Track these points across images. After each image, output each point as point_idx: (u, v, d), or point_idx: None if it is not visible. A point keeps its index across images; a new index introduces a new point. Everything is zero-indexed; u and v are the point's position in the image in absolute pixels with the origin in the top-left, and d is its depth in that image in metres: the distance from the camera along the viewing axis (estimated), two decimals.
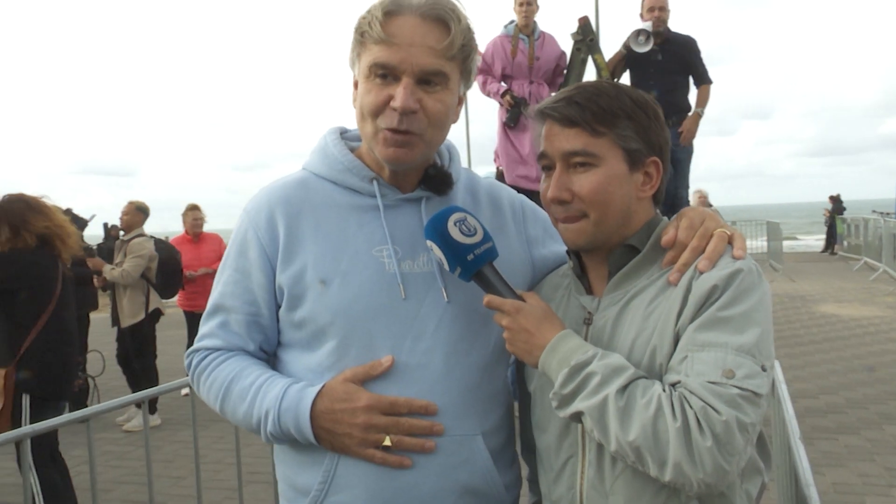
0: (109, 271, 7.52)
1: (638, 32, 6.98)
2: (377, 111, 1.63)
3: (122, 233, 8.10)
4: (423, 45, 1.60)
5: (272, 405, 1.64)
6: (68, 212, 6.48)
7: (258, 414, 1.67)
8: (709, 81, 7.35)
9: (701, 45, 7.28)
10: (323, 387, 1.64)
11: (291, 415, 1.63)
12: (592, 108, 1.55)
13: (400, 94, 1.59)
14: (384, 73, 1.61)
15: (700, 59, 7.30)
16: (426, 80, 1.62)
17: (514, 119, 7.02)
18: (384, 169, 1.73)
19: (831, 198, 27.36)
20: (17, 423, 4.29)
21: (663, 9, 7.06)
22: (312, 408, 1.62)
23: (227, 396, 1.72)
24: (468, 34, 1.66)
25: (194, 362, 1.80)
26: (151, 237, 8.01)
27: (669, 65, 7.09)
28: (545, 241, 1.89)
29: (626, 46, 7.05)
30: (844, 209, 26.01)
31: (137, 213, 7.94)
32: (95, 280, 7.94)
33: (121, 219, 8.00)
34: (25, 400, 4.43)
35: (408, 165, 1.70)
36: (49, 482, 4.62)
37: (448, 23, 1.62)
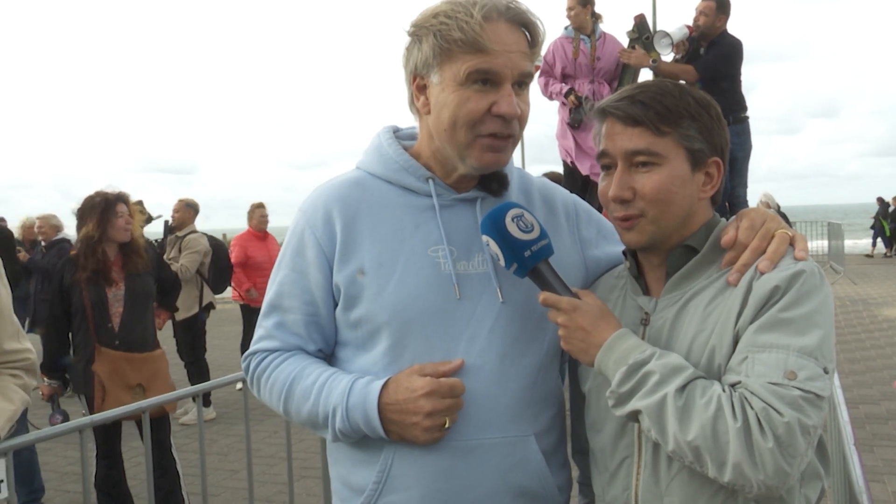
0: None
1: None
2: (477, 119, 1.62)
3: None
4: (519, 50, 1.62)
5: (339, 402, 1.64)
6: (139, 204, 6.67)
7: (324, 411, 1.67)
8: (695, 75, 6.73)
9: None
10: (388, 380, 1.64)
11: (360, 410, 1.62)
12: (657, 108, 1.53)
13: (507, 101, 1.60)
14: (485, 80, 1.60)
15: (721, 59, 6.84)
16: (519, 82, 1.64)
17: (577, 121, 7.00)
18: (440, 168, 1.74)
19: (879, 199, 26.88)
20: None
21: (702, 13, 6.89)
22: (379, 401, 1.61)
23: (290, 396, 1.72)
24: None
25: (252, 365, 1.80)
26: (204, 234, 8.19)
27: (717, 70, 6.93)
28: (598, 242, 1.88)
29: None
30: None
31: (188, 209, 8.15)
32: None
33: (172, 216, 8.20)
34: None
35: (499, 168, 1.72)
36: (103, 473, 4.73)
37: (533, 26, 1.65)
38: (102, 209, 4.76)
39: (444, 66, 1.62)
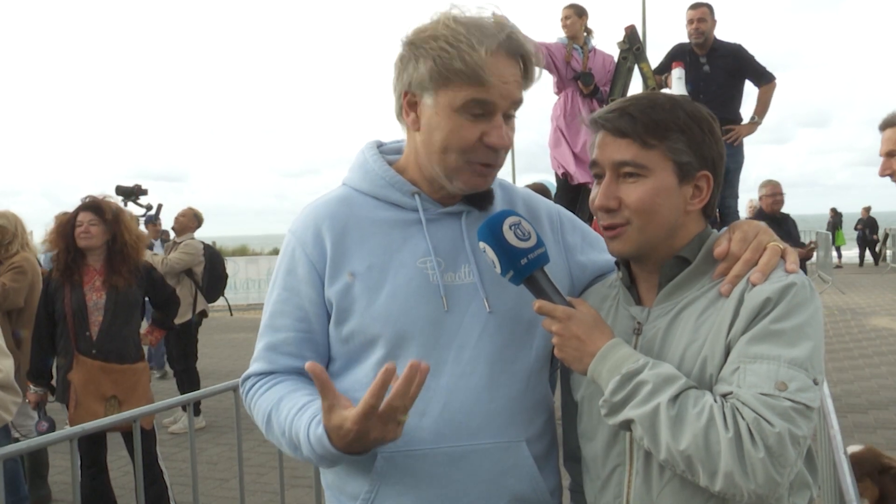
0: (151, 256, 7.64)
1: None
2: (469, 148, 1.64)
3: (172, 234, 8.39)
4: (514, 81, 1.65)
5: (311, 455, 1.59)
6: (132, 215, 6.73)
7: (304, 458, 1.63)
8: (770, 79, 7.18)
9: (752, 50, 7.17)
10: (327, 431, 1.53)
11: (332, 458, 1.57)
12: (644, 121, 1.55)
13: (497, 133, 1.64)
14: (480, 112, 1.63)
15: (753, 61, 7.16)
16: (509, 112, 1.67)
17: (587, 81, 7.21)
18: (426, 184, 1.76)
19: (832, 210, 27.69)
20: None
21: (701, 20, 7.01)
22: (339, 449, 1.54)
23: (270, 430, 1.72)
24: None
25: (245, 389, 1.81)
26: (201, 242, 8.20)
27: (717, 76, 7.01)
28: (583, 248, 1.90)
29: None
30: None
31: (193, 219, 8.25)
32: None
33: (176, 219, 8.24)
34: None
35: (485, 189, 1.75)
36: (89, 482, 4.70)
37: (529, 57, 1.66)
38: (62, 224, 4.84)
39: (441, 91, 1.63)
